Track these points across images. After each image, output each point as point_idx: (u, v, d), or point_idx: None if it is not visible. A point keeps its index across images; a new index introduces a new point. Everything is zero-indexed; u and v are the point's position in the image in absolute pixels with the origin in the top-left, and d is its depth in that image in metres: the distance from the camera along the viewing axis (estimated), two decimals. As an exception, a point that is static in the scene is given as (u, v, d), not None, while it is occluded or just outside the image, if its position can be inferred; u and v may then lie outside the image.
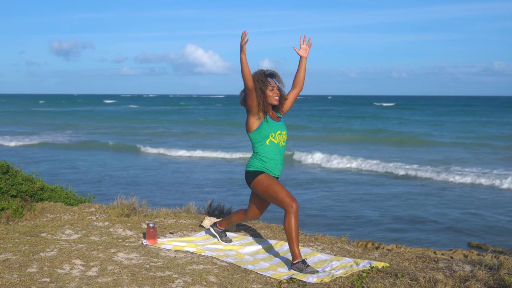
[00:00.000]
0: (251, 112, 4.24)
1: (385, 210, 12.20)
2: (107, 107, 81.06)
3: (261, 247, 4.76)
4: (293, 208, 4.08)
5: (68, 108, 74.06)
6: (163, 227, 5.38)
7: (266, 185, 4.24)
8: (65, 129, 36.95)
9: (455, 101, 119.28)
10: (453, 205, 12.64)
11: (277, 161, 4.36)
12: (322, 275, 3.90)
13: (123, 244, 4.68)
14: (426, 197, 13.70)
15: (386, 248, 8.50)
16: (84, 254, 4.29)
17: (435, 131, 34.86)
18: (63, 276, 3.80)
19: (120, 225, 5.31)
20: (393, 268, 4.10)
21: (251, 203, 4.59)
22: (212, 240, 4.90)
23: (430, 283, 3.61)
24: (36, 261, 4.08)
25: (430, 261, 4.31)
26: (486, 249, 8.96)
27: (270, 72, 4.37)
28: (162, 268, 4.05)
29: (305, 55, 4.50)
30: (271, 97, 4.31)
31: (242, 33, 3.99)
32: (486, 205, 12.67)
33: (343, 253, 4.66)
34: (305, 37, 4.50)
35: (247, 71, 4.07)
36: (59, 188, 6.43)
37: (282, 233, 5.27)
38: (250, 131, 4.32)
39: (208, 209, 5.99)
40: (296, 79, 4.53)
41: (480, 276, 3.76)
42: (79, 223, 5.32)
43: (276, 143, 4.32)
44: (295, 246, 4.07)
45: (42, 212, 5.58)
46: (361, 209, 12.28)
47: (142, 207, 5.84)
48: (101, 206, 6.02)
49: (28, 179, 6.09)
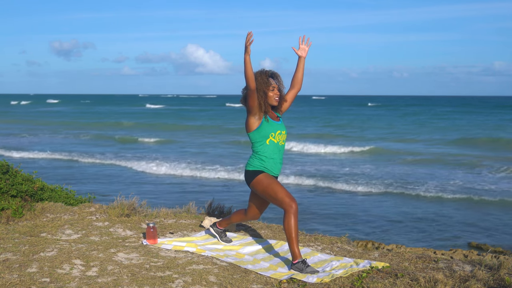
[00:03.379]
0: (251, 112, 4.25)
1: (385, 209, 12.20)
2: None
3: (261, 247, 4.76)
4: (293, 208, 4.08)
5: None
6: (163, 227, 5.38)
7: (265, 184, 4.24)
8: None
9: (453, 101, 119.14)
10: (453, 205, 12.63)
11: (276, 161, 4.36)
12: (322, 275, 3.90)
13: (123, 244, 4.68)
14: (426, 196, 13.70)
15: (386, 248, 8.50)
16: (84, 254, 4.29)
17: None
18: (63, 276, 3.80)
19: (120, 225, 5.31)
20: (393, 268, 4.10)
21: (251, 203, 4.60)
22: (212, 240, 4.90)
23: (430, 283, 3.61)
24: (36, 261, 4.08)
25: (430, 261, 4.32)
26: (486, 249, 8.96)
27: (272, 73, 4.37)
28: (162, 268, 4.05)
29: (304, 55, 4.50)
30: (272, 97, 4.32)
31: (247, 34, 3.99)
32: (486, 205, 12.67)
33: (343, 253, 4.66)
34: (304, 38, 4.50)
35: (250, 72, 4.07)
36: (59, 188, 6.43)
37: (282, 233, 5.27)
38: (250, 131, 4.33)
39: (208, 209, 6.00)
40: (295, 79, 4.53)
41: (480, 276, 3.76)
42: (79, 223, 5.32)
43: (276, 142, 4.33)
44: (295, 246, 4.07)
45: (42, 212, 5.58)
46: (361, 208, 12.29)
47: (142, 207, 5.84)
48: (101, 206, 6.02)
49: (28, 179, 6.09)
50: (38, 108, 72.39)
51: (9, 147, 24.67)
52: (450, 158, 20.88)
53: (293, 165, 19.16)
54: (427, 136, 31.19)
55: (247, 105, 4.25)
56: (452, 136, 30.87)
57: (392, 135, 32.28)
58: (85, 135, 32.14)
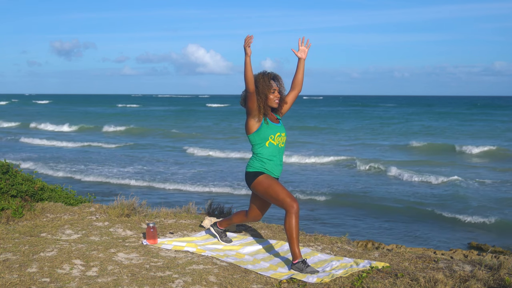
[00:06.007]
0: (251, 114, 4.24)
1: (385, 210, 12.21)
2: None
3: (261, 247, 4.76)
4: (294, 208, 4.08)
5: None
6: (163, 227, 5.38)
7: (266, 185, 4.24)
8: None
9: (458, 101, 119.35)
10: (453, 205, 12.63)
11: (276, 162, 4.36)
12: (322, 275, 3.90)
13: (123, 244, 4.68)
14: (426, 196, 13.70)
15: (386, 248, 8.49)
16: (84, 254, 4.29)
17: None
18: (63, 276, 3.80)
19: (120, 225, 5.31)
20: (393, 268, 4.10)
21: (252, 204, 4.59)
22: (212, 240, 4.90)
23: (430, 283, 3.61)
24: (36, 261, 4.08)
25: (430, 261, 4.32)
26: (486, 249, 8.96)
27: (273, 75, 4.37)
28: (162, 268, 4.05)
29: (303, 56, 4.49)
30: (272, 100, 4.31)
31: (246, 37, 3.98)
32: (486, 205, 12.67)
33: (343, 253, 4.66)
34: (303, 39, 4.49)
35: (250, 75, 4.07)
36: (59, 188, 6.43)
37: (282, 233, 5.27)
38: (249, 133, 4.32)
39: (208, 209, 6.00)
40: (295, 81, 4.52)
41: (480, 276, 3.76)
42: (79, 223, 5.32)
43: (276, 144, 4.32)
44: (295, 246, 4.07)
45: (42, 212, 5.58)
46: (361, 208, 12.29)
47: (142, 207, 5.84)
48: (101, 206, 6.02)
49: (28, 179, 6.09)
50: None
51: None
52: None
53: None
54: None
55: (246, 107, 4.25)
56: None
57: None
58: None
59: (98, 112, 61.62)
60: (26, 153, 22.11)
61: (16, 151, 23.23)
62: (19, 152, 22.50)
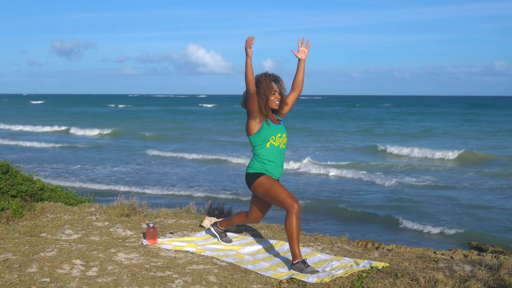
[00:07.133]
0: (251, 115, 4.24)
1: (385, 209, 12.21)
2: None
3: (261, 247, 4.76)
4: (295, 208, 4.08)
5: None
6: (163, 227, 5.38)
7: (267, 186, 4.23)
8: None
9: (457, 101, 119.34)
10: (453, 205, 12.64)
11: (277, 164, 4.35)
12: (322, 275, 3.90)
13: (123, 244, 4.67)
14: (425, 196, 13.71)
15: (386, 248, 8.49)
16: (84, 254, 4.29)
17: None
18: (63, 276, 3.80)
19: (120, 225, 5.31)
20: (393, 268, 4.10)
21: (253, 205, 4.59)
22: (212, 240, 4.90)
23: (430, 283, 3.62)
24: (36, 261, 4.08)
25: (430, 261, 4.32)
26: (486, 249, 8.96)
27: (275, 77, 4.36)
28: (162, 268, 4.05)
29: (303, 57, 4.48)
30: (273, 101, 4.30)
31: (247, 38, 3.99)
32: (487, 205, 12.67)
33: (343, 253, 4.66)
34: (303, 40, 4.49)
35: (251, 76, 4.07)
36: (59, 188, 6.43)
37: (282, 233, 5.27)
38: (250, 134, 4.32)
39: (208, 209, 6.00)
40: (295, 81, 4.52)
41: (480, 276, 3.76)
42: (79, 223, 5.32)
43: (277, 145, 4.32)
44: (295, 246, 4.07)
45: (42, 212, 5.58)
46: (361, 208, 12.29)
47: (142, 207, 5.84)
48: (101, 206, 6.02)
49: (28, 179, 6.09)
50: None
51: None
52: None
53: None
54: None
55: (247, 108, 4.24)
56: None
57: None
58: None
59: (89, 112, 61.70)
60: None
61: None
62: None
